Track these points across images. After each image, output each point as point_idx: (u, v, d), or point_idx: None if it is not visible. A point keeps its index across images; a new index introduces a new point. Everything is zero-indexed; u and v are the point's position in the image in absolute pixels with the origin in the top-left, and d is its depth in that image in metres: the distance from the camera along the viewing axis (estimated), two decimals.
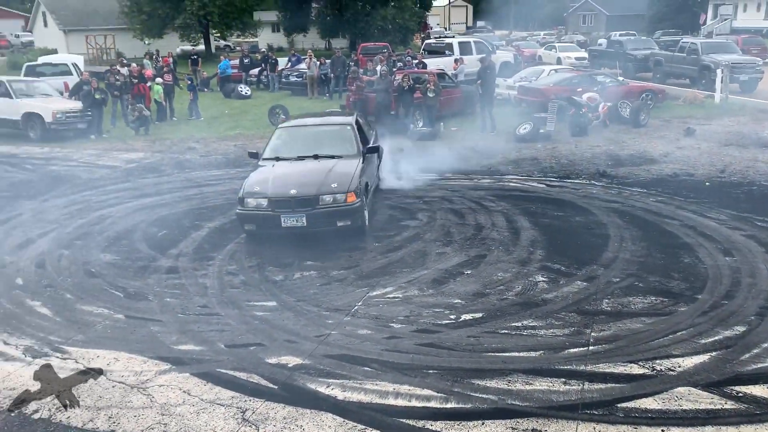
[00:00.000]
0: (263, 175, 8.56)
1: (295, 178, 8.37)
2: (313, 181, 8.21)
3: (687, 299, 6.43)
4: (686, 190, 10.47)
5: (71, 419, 4.61)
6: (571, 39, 45.70)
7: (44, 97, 17.23)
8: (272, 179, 8.33)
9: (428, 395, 4.82)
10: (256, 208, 8.02)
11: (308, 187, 8.07)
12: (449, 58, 24.72)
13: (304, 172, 8.55)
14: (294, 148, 9.22)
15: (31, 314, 6.40)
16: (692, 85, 23.01)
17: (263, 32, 49.78)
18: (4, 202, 10.61)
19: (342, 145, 9.25)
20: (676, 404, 4.65)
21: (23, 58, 34.14)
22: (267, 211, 7.96)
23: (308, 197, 7.95)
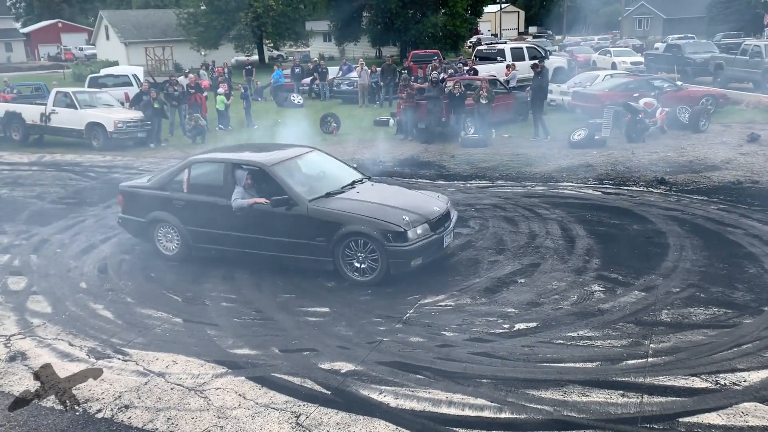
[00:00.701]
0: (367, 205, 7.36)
1: (403, 199, 7.73)
2: (424, 198, 7.97)
3: (752, 311, 6.19)
4: (750, 197, 10.08)
5: (132, 420, 4.75)
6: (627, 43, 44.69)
7: (106, 108, 17.91)
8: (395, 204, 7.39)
9: (482, 404, 4.77)
10: (420, 237, 7.06)
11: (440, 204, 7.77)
12: (501, 64, 24.52)
13: (394, 195, 7.91)
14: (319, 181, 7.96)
15: (94, 317, 6.63)
16: (756, 89, 22.17)
17: (315, 42, 50.55)
18: (69, 209, 11.04)
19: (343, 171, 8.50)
20: (741, 420, 4.47)
21: (87, 70, 35.60)
22: (431, 236, 7.21)
23: (446, 213, 7.64)
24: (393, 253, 6.90)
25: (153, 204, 8.08)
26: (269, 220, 7.38)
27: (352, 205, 7.33)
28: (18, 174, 14.37)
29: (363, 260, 7.08)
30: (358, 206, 7.31)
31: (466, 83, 17.39)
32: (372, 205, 7.35)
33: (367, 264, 7.08)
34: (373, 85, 24.31)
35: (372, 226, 6.97)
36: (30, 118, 18.09)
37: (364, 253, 7.05)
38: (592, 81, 19.80)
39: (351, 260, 7.14)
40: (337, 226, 7.07)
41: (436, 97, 16.40)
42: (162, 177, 8.28)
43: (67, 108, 17.46)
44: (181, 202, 7.90)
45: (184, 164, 8.14)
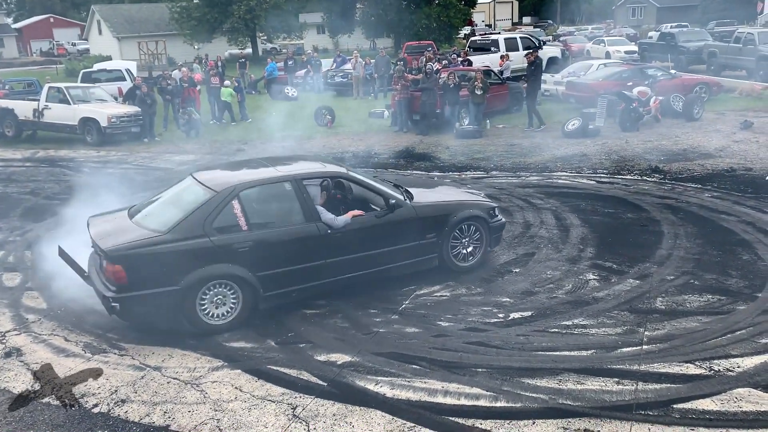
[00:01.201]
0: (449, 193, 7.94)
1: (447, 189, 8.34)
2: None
3: (746, 297, 6.22)
4: (744, 185, 10.12)
5: (129, 414, 4.75)
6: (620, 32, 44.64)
7: (100, 103, 17.83)
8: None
9: (477, 394, 4.79)
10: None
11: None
12: (495, 55, 24.48)
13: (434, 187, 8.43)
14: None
15: (89, 312, 6.61)
16: (749, 76, 22.19)
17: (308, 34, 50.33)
18: (63, 204, 11.01)
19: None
20: (735, 406, 4.50)
21: (80, 65, 35.42)
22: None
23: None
24: (494, 229, 7.33)
25: (193, 260, 5.77)
26: (370, 231, 6.55)
27: (440, 196, 7.56)
28: (11, 170, 14.31)
29: (468, 245, 7.19)
30: (445, 196, 7.60)
31: (461, 74, 17.36)
32: (451, 191, 7.92)
33: (472, 247, 7.23)
34: (368, 76, 24.24)
35: (479, 207, 7.24)
36: (23, 114, 17.99)
37: (469, 237, 7.18)
38: (586, 70, 19.80)
39: (457, 249, 7.15)
40: (447, 217, 6.99)
41: (430, 88, 16.38)
42: (191, 219, 5.88)
43: (60, 103, 17.38)
44: (246, 245, 5.95)
45: (224, 196, 6.02)
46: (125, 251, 5.66)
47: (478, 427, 4.41)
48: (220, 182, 6.30)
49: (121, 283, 5.59)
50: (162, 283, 5.67)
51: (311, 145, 15.53)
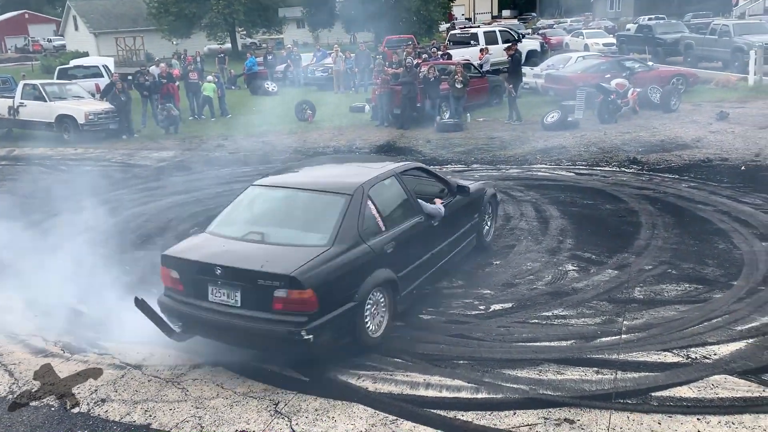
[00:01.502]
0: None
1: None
2: None
3: (722, 286, 6.32)
4: (720, 175, 10.26)
5: (108, 413, 4.72)
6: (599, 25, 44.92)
7: (77, 99, 17.60)
8: None
9: (459, 386, 4.82)
10: None
11: None
12: (475, 48, 24.52)
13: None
14: None
15: (69, 312, 6.55)
16: (725, 68, 22.46)
17: (288, 29, 50.04)
18: (41, 203, 10.87)
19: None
20: (712, 392, 4.57)
21: (56, 62, 34.90)
22: None
23: None
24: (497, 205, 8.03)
25: (361, 270, 5.26)
26: (451, 218, 6.53)
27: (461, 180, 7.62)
28: None
29: (488, 221, 7.69)
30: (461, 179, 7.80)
31: (441, 68, 17.38)
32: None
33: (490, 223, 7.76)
34: (348, 71, 24.18)
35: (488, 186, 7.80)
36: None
37: (488, 214, 7.67)
38: (565, 63, 19.92)
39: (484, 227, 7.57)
40: (482, 197, 7.45)
41: (410, 82, 16.38)
42: (344, 227, 5.26)
43: (36, 100, 17.14)
44: (390, 246, 5.57)
45: (359, 198, 5.48)
46: (311, 272, 4.82)
47: (460, 418, 4.44)
48: (341, 184, 5.68)
49: (312, 310, 4.81)
50: (343, 301, 5.07)
51: (292, 140, 15.47)
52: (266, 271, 4.83)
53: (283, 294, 4.78)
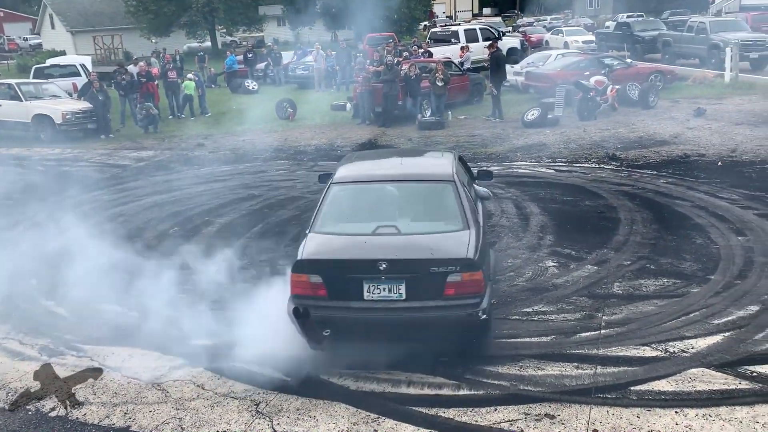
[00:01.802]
0: None
1: None
2: None
3: (699, 280, 6.40)
4: (697, 170, 10.38)
5: (87, 416, 4.67)
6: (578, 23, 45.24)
7: (53, 99, 17.35)
8: None
9: (440, 383, 4.84)
10: None
11: None
12: (455, 46, 24.58)
13: None
14: None
15: (45, 314, 6.48)
16: (701, 64, 22.72)
17: (269, 26, 49.74)
18: (19, 204, 10.71)
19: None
20: (689, 386, 4.63)
21: (32, 61, 34.39)
22: None
23: None
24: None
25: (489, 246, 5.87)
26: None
27: None
28: None
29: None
30: None
31: (422, 66, 17.39)
32: None
33: None
34: (329, 69, 24.10)
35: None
36: None
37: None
38: (545, 61, 20.02)
39: None
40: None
41: (392, 80, 16.36)
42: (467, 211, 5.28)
43: (12, 100, 16.88)
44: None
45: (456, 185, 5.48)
46: (477, 254, 4.88)
47: (442, 415, 4.45)
48: (437, 173, 5.78)
49: (482, 291, 4.85)
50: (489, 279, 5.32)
51: (273, 139, 15.39)
52: (440, 258, 4.78)
53: (457, 278, 4.73)
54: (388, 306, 4.80)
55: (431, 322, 4.78)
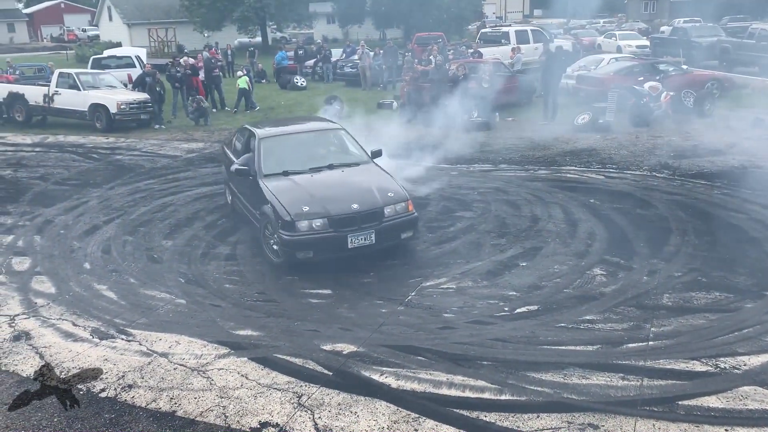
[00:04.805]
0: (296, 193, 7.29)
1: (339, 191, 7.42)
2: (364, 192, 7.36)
3: (754, 296, 6.20)
4: (754, 182, 10.03)
5: (135, 399, 4.79)
6: (632, 27, 44.28)
7: (109, 89, 17.87)
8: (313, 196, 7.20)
9: (482, 386, 4.80)
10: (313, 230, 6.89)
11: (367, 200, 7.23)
12: (506, 47, 24.35)
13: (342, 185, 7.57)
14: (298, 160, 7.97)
15: (97, 297, 6.67)
16: (762, 73, 21.98)
17: (318, 24, 50.14)
18: (73, 190, 11.07)
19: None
20: (741, 404, 4.49)
21: (90, 51, 35.44)
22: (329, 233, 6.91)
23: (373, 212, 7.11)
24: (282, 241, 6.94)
25: None
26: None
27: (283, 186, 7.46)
28: (21, 155, 14.38)
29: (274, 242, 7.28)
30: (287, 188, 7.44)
31: (470, 66, 17.28)
32: (299, 189, 7.33)
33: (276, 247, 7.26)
34: (377, 67, 24.17)
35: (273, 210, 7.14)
36: (33, 99, 18.07)
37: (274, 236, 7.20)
38: (597, 64, 19.67)
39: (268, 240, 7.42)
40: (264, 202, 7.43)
41: (439, 80, 16.31)
42: None
43: (70, 89, 17.43)
44: None
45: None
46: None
47: (483, 419, 4.42)
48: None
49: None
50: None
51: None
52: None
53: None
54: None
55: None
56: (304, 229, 6.85)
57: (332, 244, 6.91)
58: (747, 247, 7.41)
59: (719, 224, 8.23)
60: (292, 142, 8.41)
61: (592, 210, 8.97)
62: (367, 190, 7.38)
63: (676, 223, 8.30)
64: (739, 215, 8.53)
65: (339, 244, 6.92)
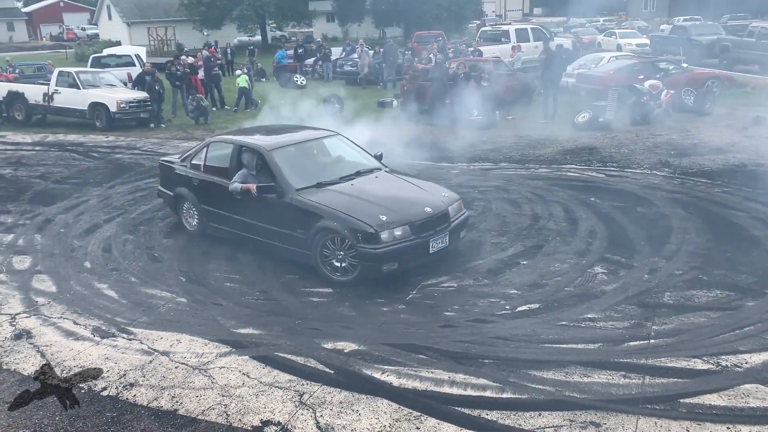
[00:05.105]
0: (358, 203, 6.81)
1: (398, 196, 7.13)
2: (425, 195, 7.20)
3: (755, 294, 6.19)
4: (754, 180, 10.04)
5: (137, 397, 4.79)
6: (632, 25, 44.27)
7: (109, 88, 17.87)
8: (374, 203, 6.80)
9: (484, 384, 4.80)
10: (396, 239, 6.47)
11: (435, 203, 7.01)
12: (506, 46, 24.34)
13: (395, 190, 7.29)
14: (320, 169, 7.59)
15: (98, 296, 6.67)
16: (762, 71, 21.98)
17: (318, 22, 50.13)
18: (73, 189, 11.06)
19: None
20: (742, 401, 4.49)
21: (89, 50, 35.42)
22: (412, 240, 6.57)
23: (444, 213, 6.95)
24: (362, 255, 6.43)
25: None
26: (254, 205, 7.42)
27: (340, 199, 6.87)
28: (21, 154, 14.37)
29: (341, 259, 6.64)
30: (339, 200, 6.88)
31: (470, 65, 17.27)
32: (353, 199, 6.87)
33: (342, 264, 6.65)
34: (377, 66, 24.17)
35: (346, 224, 6.50)
36: (33, 98, 18.07)
37: (341, 251, 6.61)
38: (597, 63, 19.69)
39: (330, 258, 6.72)
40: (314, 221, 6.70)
41: (440, 78, 16.31)
42: None
43: (70, 88, 17.43)
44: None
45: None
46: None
47: (485, 417, 4.42)
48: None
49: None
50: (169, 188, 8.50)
51: None
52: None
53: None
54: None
55: None
56: (388, 240, 6.39)
57: (416, 252, 6.60)
58: (748, 246, 7.41)
59: (720, 222, 8.23)
60: (301, 152, 7.81)
61: (593, 208, 8.97)
62: (424, 192, 7.25)
63: (676, 221, 8.30)
64: (739, 213, 8.53)
65: (422, 251, 6.65)
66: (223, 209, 7.71)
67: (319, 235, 6.66)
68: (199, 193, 8.04)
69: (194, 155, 8.30)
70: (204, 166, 8.03)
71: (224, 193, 7.46)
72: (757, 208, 8.68)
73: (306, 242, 6.79)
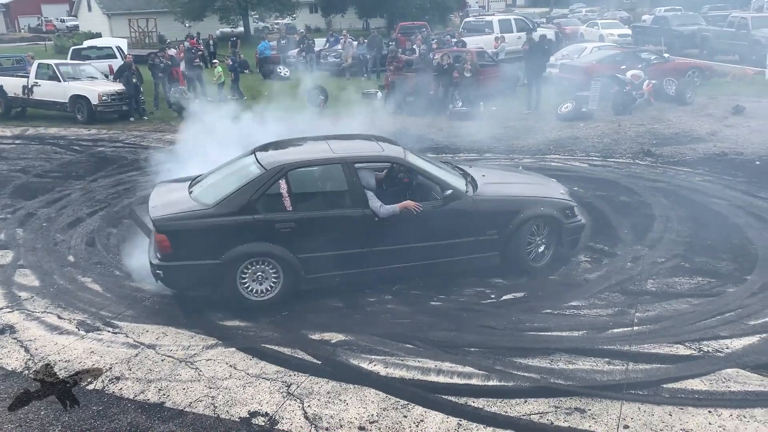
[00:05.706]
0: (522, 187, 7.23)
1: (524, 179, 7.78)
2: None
3: (735, 280, 6.30)
4: (735, 169, 10.18)
5: (123, 391, 4.77)
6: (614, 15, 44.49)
7: (90, 80, 17.64)
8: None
9: (470, 372, 4.84)
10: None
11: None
12: (489, 36, 24.36)
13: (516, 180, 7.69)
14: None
15: (82, 290, 6.61)
16: (741, 61, 22.21)
17: (301, 13, 49.78)
18: (55, 182, 10.94)
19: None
20: (723, 386, 4.57)
21: (69, 42, 34.93)
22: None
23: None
24: (570, 230, 6.71)
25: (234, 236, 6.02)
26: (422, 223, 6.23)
27: (511, 189, 6.98)
28: (1, 147, 14.17)
29: (540, 244, 6.61)
30: (518, 189, 7.03)
31: (454, 55, 17.27)
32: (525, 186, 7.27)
33: (543, 247, 6.65)
34: (361, 57, 24.08)
35: (552, 206, 6.63)
36: (12, 91, 17.78)
37: (543, 236, 6.60)
38: (580, 53, 19.77)
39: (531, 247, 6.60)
40: (513, 213, 6.45)
41: (423, 69, 16.29)
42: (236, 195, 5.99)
43: (50, 80, 17.18)
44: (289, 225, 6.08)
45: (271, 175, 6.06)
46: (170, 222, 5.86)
47: (471, 405, 4.46)
48: (271, 160, 6.26)
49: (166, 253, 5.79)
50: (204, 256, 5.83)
51: (304, 126, 15.41)
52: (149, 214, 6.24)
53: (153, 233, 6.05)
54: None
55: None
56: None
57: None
58: (729, 233, 7.51)
59: (701, 211, 8.34)
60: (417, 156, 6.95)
61: (576, 198, 9.01)
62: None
63: (659, 209, 8.40)
64: (720, 201, 8.64)
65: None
66: (344, 248, 6.08)
67: (524, 226, 6.45)
68: (294, 240, 5.95)
69: (254, 194, 5.93)
70: (291, 203, 6.01)
71: (347, 228, 6.06)
72: (738, 197, 8.80)
73: (498, 242, 6.44)
